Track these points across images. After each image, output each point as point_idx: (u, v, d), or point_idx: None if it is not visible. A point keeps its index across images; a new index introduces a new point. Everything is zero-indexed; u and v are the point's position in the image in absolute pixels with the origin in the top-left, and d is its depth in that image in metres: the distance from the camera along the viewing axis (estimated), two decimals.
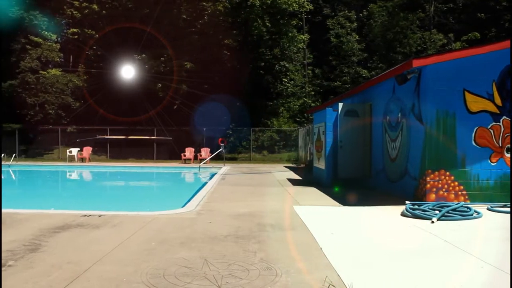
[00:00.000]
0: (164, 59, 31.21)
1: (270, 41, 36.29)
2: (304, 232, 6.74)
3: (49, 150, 33.06)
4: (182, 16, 33.53)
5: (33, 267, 4.81)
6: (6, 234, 6.48)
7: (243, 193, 12.13)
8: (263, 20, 32.13)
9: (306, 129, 24.71)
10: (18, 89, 32.38)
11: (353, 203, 9.92)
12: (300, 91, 36.00)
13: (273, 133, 32.52)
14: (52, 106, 32.61)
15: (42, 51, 32.96)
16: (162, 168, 25.57)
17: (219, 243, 5.97)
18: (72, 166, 26.56)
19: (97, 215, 8.01)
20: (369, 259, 5.23)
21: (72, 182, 22.41)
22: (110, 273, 4.57)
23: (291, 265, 4.86)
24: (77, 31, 35.36)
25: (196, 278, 4.41)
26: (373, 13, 37.78)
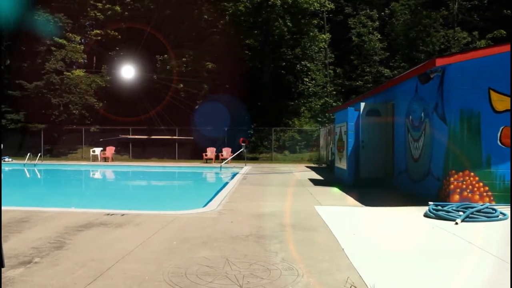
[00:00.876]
0: (186, 59, 31.36)
1: (291, 40, 36.23)
2: (325, 232, 6.71)
3: (73, 149, 33.57)
4: (204, 16, 33.69)
5: (58, 264, 4.89)
6: (32, 231, 6.61)
7: (265, 193, 12.13)
8: (284, 20, 32.08)
9: (327, 129, 24.58)
10: (43, 90, 32.96)
11: (375, 203, 9.83)
12: (321, 91, 35.81)
13: (295, 133, 32.43)
14: (76, 107, 33.11)
15: (67, 52, 33.48)
16: (184, 168, 25.71)
17: (240, 242, 5.99)
18: (95, 165, 26.93)
19: (120, 214, 8.10)
20: (392, 260, 5.18)
21: (95, 181, 22.70)
22: (132, 271, 4.62)
23: (312, 266, 4.85)
24: (100, 32, 35.87)
25: (218, 278, 4.43)
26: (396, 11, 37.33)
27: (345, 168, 14.10)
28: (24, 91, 33.14)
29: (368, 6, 39.38)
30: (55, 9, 34.59)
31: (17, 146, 32.44)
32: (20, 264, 4.86)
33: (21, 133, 33.20)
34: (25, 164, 24.90)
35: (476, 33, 35.56)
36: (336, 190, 12.56)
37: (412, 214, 8.34)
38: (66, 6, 35.42)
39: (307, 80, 35.82)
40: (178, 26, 33.88)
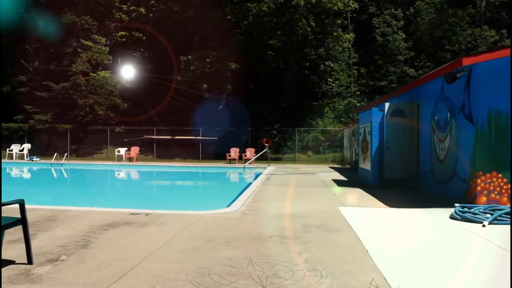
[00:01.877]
0: (210, 60, 31.52)
1: (315, 41, 36.09)
2: (349, 233, 6.67)
3: (98, 149, 34.05)
4: (227, 17, 33.81)
5: (84, 262, 4.96)
6: (59, 230, 6.73)
7: (288, 193, 12.12)
8: (308, 20, 31.96)
9: (351, 130, 24.42)
10: (70, 91, 33.49)
11: (400, 204, 9.72)
12: (345, 91, 35.62)
13: (318, 134, 32.29)
14: (101, 107, 33.56)
15: (92, 54, 33.96)
16: (207, 168, 25.84)
17: (264, 243, 5.99)
18: (120, 165, 27.26)
19: (144, 214, 8.18)
20: (416, 263, 5.12)
21: (120, 181, 22.98)
22: (157, 271, 4.66)
23: (336, 267, 4.82)
24: (125, 34, 36.32)
25: (241, 278, 4.44)
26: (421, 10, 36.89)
27: (369, 169, 13.99)
28: (51, 92, 33.75)
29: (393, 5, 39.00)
30: (82, 11, 35.15)
31: (45, 146, 33.11)
32: (47, 262, 4.96)
33: (49, 133, 33.85)
34: (52, 164, 25.37)
35: (504, 31, 34.92)
36: (360, 191, 12.48)
37: (437, 216, 8.22)
38: (92, 9, 35.97)
39: (330, 81, 35.68)
40: (202, 27, 34.06)
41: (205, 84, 31.43)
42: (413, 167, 13.41)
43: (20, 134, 34.33)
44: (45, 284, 4.23)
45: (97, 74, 33.76)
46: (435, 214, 8.35)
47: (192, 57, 32.03)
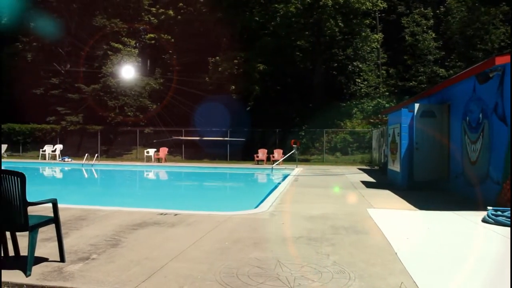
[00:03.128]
0: (238, 61, 31.63)
1: (343, 41, 35.85)
2: (378, 235, 6.60)
3: (127, 150, 34.55)
4: (255, 18, 33.90)
5: (113, 261, 5.04)
6: (89, 229, 6.86)
7: (316, 194, 12.06)
8: (336, 20, 31.75)
9: (380, 131, 24.15)
10: (100, 93, 34.14)
11: (430, 207, 9.55)
12: (374, 92, 35.26)
13: (346, 135, 32.04)
14: (131, 109, 34.08)
15: (122, 56, 34.52)
16: (235, 169, 25.91)
17: (291, 244, 5.97)
18: (149, 166, 27.57)
19: (173, 214, 8.26)
20: (447, 266, 5.02)
21: (149, 182, 23.24)
22: (185, 270, 4.70)
23: (365, 269, 4.77)
24: (154, 36, 36.81)
25: (269, 279, 4.44)
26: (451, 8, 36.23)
27: (398, 170, 13.81)
28: (82, 94, 34.43)
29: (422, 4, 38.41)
30: (112, 15, 35.77)
31: (76, 146, 33.79)
32: (79, 260, 5.05)
33: (80, 134, 34.52)
34: (83, 164, 25.84)
35: None
36: (388, 193, 12.33)
37: (469, 219, 8.06)
38: (121, 12, 36.58)
39: (359, 81, 35.38)
40: (230, 28, 34.23)
41: (233, 85, 31.56)
42: (443, 169, 13.17)
43: (53, 135, 35.14)
44: (77, 281, 4.31)
45: None
46: (466, 217, 8.18)
47: (220, 58, 32.21)
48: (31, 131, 35.81)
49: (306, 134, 31.98)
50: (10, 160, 29.51)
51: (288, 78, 35.56)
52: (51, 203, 4.98)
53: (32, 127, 35.89)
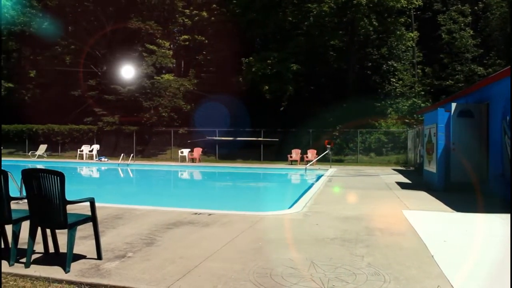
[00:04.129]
0: (271, 61, 31.64)
1: (377, 40, 35.42)
2: (414, 238, 6.49)
3: (162, 150, 35.01)
4: (288, 18, 33.83)
5: (149, 259, 5.13)
6: (125, 228, 6.99)
7: (350, 195, 11.96)
8: (370, 19, 31.38)
9: (415, 131, 23.75)
10: (135, 94, 34.69)
11: (467, 209, 9.34)
12: (409, 91, 34.66)
13: (381, 135, 31.60)
14: (165, 109, 34.50)
15: (157, 57, 35.01)
16: (269, 169, 25.93)
17: (325, 245, 5.94)
18: (183, 166, 27.87)
19: (207, 214, 8.33)
20: (486, 271, 4.90)
21: (183, 181, 23.49)
22: (219, 270, 4.74)
23: (400, 272, 4.70)
24: (188, 37, 37.20)
25: (303, 280, 4.43)
26: (491, 4, 35.28)
27: (435, 171, 13.55)
28: (118, 95, 35.07)
29: (460, 1, 37.54)
30: (146, 17, 36.33)
31: (112, 147, 34.45)
32: (115, 258, 5.16)
33: (116, 134, 35.19)
34: (119, 164, 26.33)
35: None
36: (424, 194, 12.11)
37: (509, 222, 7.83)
38: (156, 14, 37.11)
39: (394, 81, 34.86)
40: (263, 29, 34.27)
41: (266, 86, 31.58)
42: (482, 170, 12.84)
43: (90, 136, 35.93)
44: (113, 279, 4.40)
45: (161, 77, 34.77)
46: (506, 220, 7.95)
47: (253, 59, 32.27)
48: (69, 131, 36.72)
49: (340, 135, 31.71)
50: (49, 160, 30.35)
51: (321, 78, 35.36)
52: (89, 202, 5.09)
53: (70, 127, 36.80)
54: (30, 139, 36.90)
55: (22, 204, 6.01)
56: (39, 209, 4.85)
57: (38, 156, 31.54)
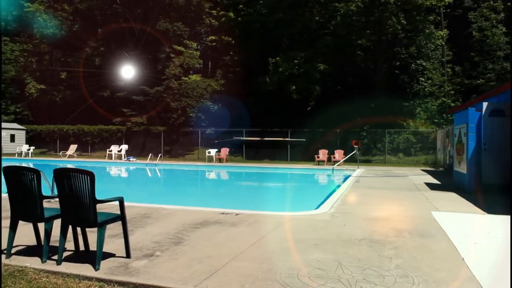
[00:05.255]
0: (298, 61, 31.56)
1: (406, 39, 34.97)
2: (443, 240, 6.38)
3: (189, 150, 35.28)
4: (315, 18, 33.68)
5: (176, 259, 5.17)
6: (153, 227, 7.06)
7: (378, 196, 11.82)
8: (398, 18, 30.98)
9: (445, 131, 23.36)
10: (163, 94, 35.06)
11: (499, 211, 9.11)
12: (438, 91, 34.08)
13: (410, 135, 31.17)
14: (193, 110, 34.77)
15: (184, 58, 35.31)
16: (296, 170, 25.86)
17: (353, 246, 5.89)
18: (211, 166, 28.02)
19: (234, 214, 8.35)
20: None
21: (210, 181, 23.61)
22: (246, 270, 4.74)
23: (429, 275, 4.63)
24: (215, 38, 37.41)
25: (330, 281, 4.40)
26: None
27: (465, 172, 13.28)
28: (146, 96, 35.50)
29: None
30: (174, 18, 36.68)
31: (140, 147, 34.90)
32: (143, 256, 5.22)
33: (144, 135, 35.64)
34: (147, 164, 26.63)
35: None
36: (454, 196, 11.89)
37: None
38: (183, 15, 37.44)
39: (422, 80, 34.35)
40: (290, 29, 34.21)
41: (293, 86, 31.52)
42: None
43: (119, 136, 36.49)
44: (142, 277, 4.45)
45: (188, 78, 35.04)
46: None
47: (280, 59, 32.24)
48: (98, 132, 37.39)
49: (368, 135, 31.40)
50: (80, 160, 30.94)
51: (349, 78, 35.10)
52: (118, 201, 5.17)
53: (100, 128, 37.45)
54: (61, 139, 37.72)
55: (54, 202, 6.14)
56: (70, 208, 4.94)
57: (69, 156, 32.18)
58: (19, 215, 5.31)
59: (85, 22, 39.17)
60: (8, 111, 40.46)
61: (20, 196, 5.21)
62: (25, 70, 40.82)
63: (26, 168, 5.34)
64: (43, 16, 38.04)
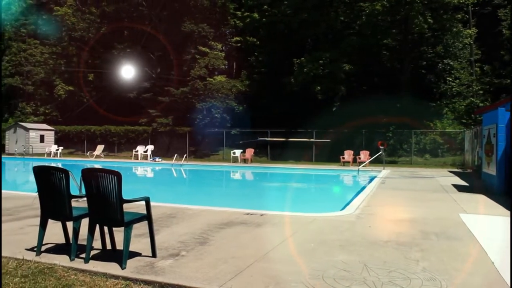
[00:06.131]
0: (323, 61, 31.41)
1: (432, 38, 34.46)
2: (472, 243, 6.26)
3: (214, 151, 35.44)
4: (340, 18, 33.48)
5: (202, 258, 5.20)
6: (179, 227, 7.12)
7: (404, 198, 11.68)
8: (425, 16, 30.53)
9: (473, 131, 22.94)
10: (188, 95, 35.32)
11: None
12: (466, 91, 33.48)
13: (436, 136, 30.69)
14: (218, 110, 34.93)
15: (209, 59, 35.50)
16: (321, 170, 25.73)
17: (379, 248, 5.84)
18: (236, 166, 28.09)
19: (259, 214, 8.36)
20: None
21: (235, 182, 23.68)
22: (271, 271, 4.75)
23: (458, 278, 4.55)
24: (239, 39, 37.52)
25: (355, 283, 4.36)
26: None
27: (494, 173, 13.02)
28: (171, 97, 35.81)
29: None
30: (199, 20, 36.93)
31: (166, 147, 35.22)
32: (169, 256, 5.27)
33: (169, 135, 35.97)
34: (172, 164, 26.86)
35: None
36: (483, 198, 11.66)
37: None
38: (208, 17, 37.67)
39: (450, 80, 33.80)
40: (314, 29, 34.08)
41: (318, 86, 31.38)
42: None
43: (145, 136, 36.90)
44: (167, 277, 4.49)
45: (213, 79, 35.21)
46: None
47: (304, 59, 32.13)
48: (125, 132, 37.90)
49: (394, 135, 31.05)
50: (106, 160, 31.39)
51: (374, 78, 34.76)
52: (144, 201, 5.23)
53: (126, 128, 37.96)
54: (88, 140, 38.35)
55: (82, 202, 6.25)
56: (98, 207, 5.03)
57: (96, 156, 32.68)
58: (49, 214, 5.42)
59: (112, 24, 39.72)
60: (38, 112, 41.36)
61: (49, 196, 5.32)
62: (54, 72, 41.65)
63: (55, 168, 5.45)
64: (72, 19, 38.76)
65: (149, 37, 39.28)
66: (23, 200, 9.83)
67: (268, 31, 37.11)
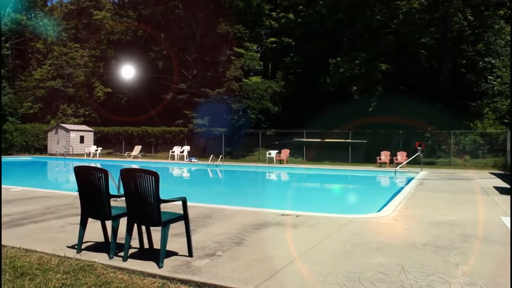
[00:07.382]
0: (359, 61, 31.09)
1: (473, 36, 33.63)
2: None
3: (250, 152, 35.55)
4: (376, 17, 33.06)
5: (237, 259, 5.22)
6: (215, 227, 7.18)
7: (443, 200, 11.42)
8: (464, 14, 29.82)
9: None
10: (224, 96, 35.54)
11: None
12: (508, 90, 32.52)
13: (477, 136, 29.90)
14: (253, 111, 35.03)
15: (245, 60, 35.66)
16: (357, 171, 25.46)
17: (417, 251, 5.73)
18: (271, 167, 28.09)
19: (295, 215, 8.34)
20: None
21: (271, 183, 23.68)
22: (306, 272, 4.73)
23: (499, 284, 4.41)
24: (275, 40, 37.56)
25: (392, 286, 4.30)
26: None
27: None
28: (207, 98, 36.13)
29: None
30: (234, 21, 37.15)
31: (202, 148, 35.57)
32: (205, 256, 5.32)
33: (205, 136, 36.29)
34: (208, 165, 27.08)
35: None
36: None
37: None
38: (244, 18, 37.84)
39: (491, 79, 32.86)
40: (350, 28, 33.78)
41: (354, 86, 31.08)
42: None
43: (181, 137, 37.38)
44: (203, 276, 4.53)
45: (249, 80, 35.35)
46: None
47: (340, 59, 31.88)
48: (161, 133, 38.48)
49: (432, 136, 30.40)
50: (144, 160, 31.94)
51: (412, 78, 34.18)
52: (181, 201, 5.29)
53: (163, 129, 38.53)
54: (126, 140, 39.12)
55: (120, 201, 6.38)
56: (135, 207, 5.12)
57: (133, 157, 33.29)
58: (89, 213, 5.56)
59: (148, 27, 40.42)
60: (78, 114, 42.49)
61: (89, 195, 5.46)
62: (93, 74, 42.70)
63: (94, 168, 5.59)
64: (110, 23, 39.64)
65: (185, 39, 39.77)
66: (64, 199, 10.12)
67: (304, 31, 37.01)
